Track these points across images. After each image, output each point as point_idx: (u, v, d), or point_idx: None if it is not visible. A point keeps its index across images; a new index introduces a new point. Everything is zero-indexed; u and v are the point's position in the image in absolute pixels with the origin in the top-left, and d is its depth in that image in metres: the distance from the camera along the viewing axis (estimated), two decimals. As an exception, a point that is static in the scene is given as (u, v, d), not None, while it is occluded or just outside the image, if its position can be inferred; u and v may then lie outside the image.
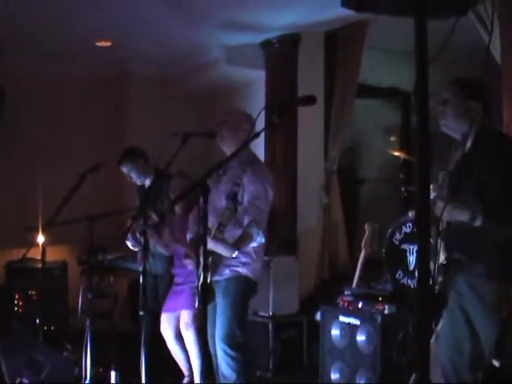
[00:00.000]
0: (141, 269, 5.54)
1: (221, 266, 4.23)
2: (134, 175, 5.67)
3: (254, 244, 4.24)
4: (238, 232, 4.17)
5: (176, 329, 5.23)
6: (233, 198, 4.14)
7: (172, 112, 7.87)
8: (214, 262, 4.13)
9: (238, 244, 4.10)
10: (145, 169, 5.69)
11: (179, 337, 5.23)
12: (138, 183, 5.76)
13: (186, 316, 5.10)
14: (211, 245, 3.98)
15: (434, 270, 3.35)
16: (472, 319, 3.60)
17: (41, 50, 7.09)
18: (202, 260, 3.27)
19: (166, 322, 5.26)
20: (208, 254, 4.07)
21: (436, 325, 3.91)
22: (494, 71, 4.68)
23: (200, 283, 3.22)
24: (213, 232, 4.01)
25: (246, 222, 4.19)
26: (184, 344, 5.22)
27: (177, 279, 5.28)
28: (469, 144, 3.62)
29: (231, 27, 6.55)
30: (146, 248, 5.38)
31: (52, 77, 7.58)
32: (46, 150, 7.50)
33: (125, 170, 5.67)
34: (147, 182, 5.73)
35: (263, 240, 4.31)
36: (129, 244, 5.47)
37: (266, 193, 4.31)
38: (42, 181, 7.02)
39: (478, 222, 3.35)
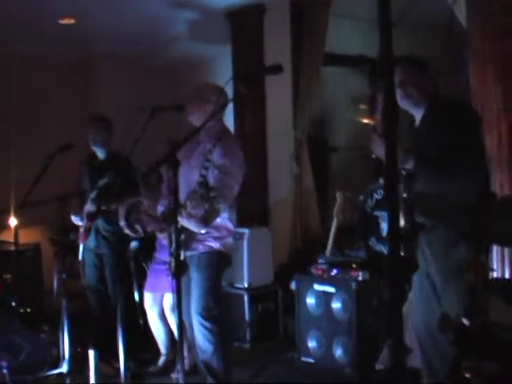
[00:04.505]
0: (81, 246, 5.62)
1: (193, 242, 4.23)
2: (103, 135, 5.70)
3: (218, 219, 4.24)
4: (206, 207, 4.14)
5: (160, 307, 5.21)
6: (203, 183, 4.10)
7: (138, 89, 7.80)
8: (186, 238, 4.13)
9: (207, 220, 4.06)
10: (109, 139, 5.78)
11: (163, 315, 5.22)
12: (94, 145, 5.75)
13: (170, 299, 5.05)
14: (183, 221, 3.98)
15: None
16: (435, 283, 3.66)
17: (4, 30, 6.96)
18: (173, 235, 3.28)
19: (150, 300, 5.22)
20: (180, 230, 4.10)
21: (409, 289, 3.98)
22: (459, 35, 4.70)
23: (173, 258, 3.24)
24: (187, 209, 3.98)
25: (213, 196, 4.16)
26: (167, 323, 5.22)
27: (157, 255, 5.26)
28: (421, 114, 3.73)
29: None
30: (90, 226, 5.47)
31: (15, 56, 7.46)
32: (15, 131, 7.42)
33: (99, 125, 5.73)
34: (101, 153, 5.78)
35: (227, 215, 4.31)
36: (74, 219, 5.54)
37: (235, 169, 4.27)
38: (13, 163, 6.95)
39: (409, 165, 3.49)
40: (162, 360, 5.39)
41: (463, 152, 3.50)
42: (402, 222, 3.48)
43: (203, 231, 4.11)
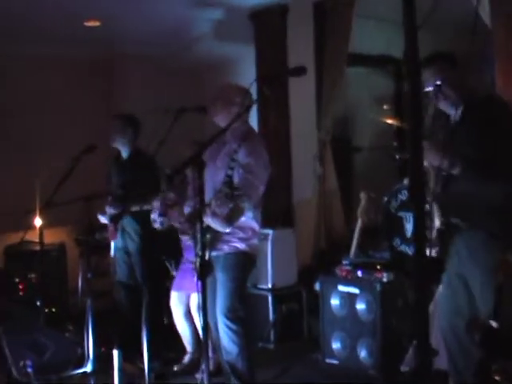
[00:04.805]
0: (112, 244, 5.64)
1: (219, 242, 4.23)
2: (123, 134, 5.72)
3: (243, 219, 4.24)
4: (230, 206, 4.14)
5: (186, 306, 5.24)
6: (229, 182, 4.10)
7: (163, 90, 7.82)
8: (211, 238, 4.14)
9: (231, 219, 4.06)
10: (131, 138, 5.75)
11: (188, 314, 5.25)
12: (113, 144, 5.77)
13: (196, 298, 5.03)
14: (208, 220, 3.98)
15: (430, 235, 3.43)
16: (469, 284, 3.63)
17: (29, 32, 7.01)
18: (198, 236, 3.29)
19: (176, 299, 5.26)
20: (205, 230, 4.11)
21: (437, 289, 3.96)
22: (483, 34, 4.66)
23: (199, 260, 3.25)
24: (212, 207, 3.99)
25: (237, 195, 4.16)
26: (192, 322, 5.25)
27: (185, 255, 5.28)
28: (459, 112, 3.70)
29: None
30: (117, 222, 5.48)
31: (41, 59, 7.51)
32: (40, 133, 7.47)
33: (119, 124, 5.75)
34: (125, 152, 5.78)
35: (251, 215, 4.31)
36: (101, 219, 5.55)
37: (259, 169, 4.26)
38: (38, 164, 7.00)
39: (456, 170, 3.47)
40: (187, 358, 5.41)
41: (503, 152, 3.48)
42: (437, 223, 3.46)
43: (228, 230, 4.11)
